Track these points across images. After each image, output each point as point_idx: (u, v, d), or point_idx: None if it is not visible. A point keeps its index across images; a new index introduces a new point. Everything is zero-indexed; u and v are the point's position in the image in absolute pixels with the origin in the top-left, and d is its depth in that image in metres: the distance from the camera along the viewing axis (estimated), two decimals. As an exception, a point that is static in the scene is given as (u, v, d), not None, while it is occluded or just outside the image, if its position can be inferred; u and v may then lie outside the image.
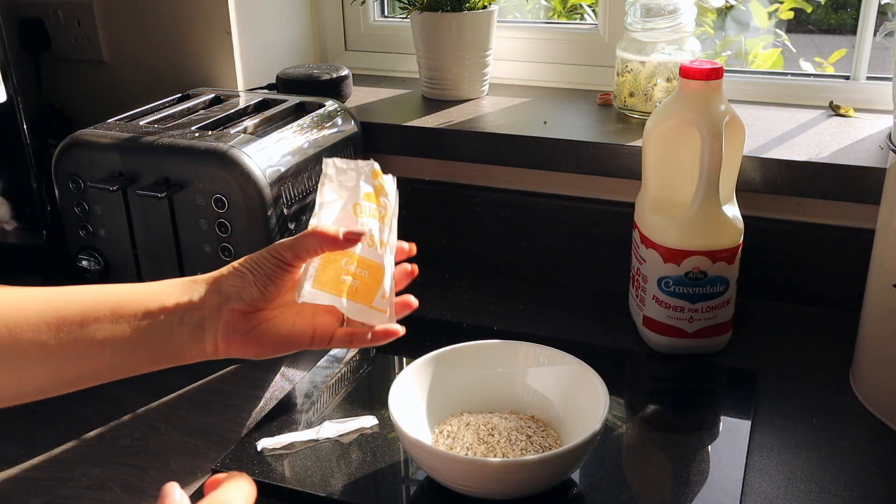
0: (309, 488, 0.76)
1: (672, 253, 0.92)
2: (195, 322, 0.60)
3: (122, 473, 0.81)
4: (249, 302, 0.61)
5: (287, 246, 0.62)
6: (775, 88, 1.21)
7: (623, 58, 1.13)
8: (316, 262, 0.64)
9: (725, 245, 0.92)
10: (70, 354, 0.58)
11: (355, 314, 0.65)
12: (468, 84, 1.25)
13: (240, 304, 0.61)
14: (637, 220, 0.98)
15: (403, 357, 1.00)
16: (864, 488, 0.76)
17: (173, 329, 0.60)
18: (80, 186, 1.04)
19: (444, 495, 0.75)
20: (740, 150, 0.94)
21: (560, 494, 0.75)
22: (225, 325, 0.61)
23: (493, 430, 0.78)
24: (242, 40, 1.27)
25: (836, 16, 1.43)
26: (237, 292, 0.61)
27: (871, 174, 0.97)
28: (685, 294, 0.93)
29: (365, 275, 0.65)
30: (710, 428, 0.85)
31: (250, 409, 0.90)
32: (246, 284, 0.61)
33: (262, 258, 0.62)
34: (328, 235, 0.61)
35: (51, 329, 0.57)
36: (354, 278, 0.64)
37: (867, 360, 0.89)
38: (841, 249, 1.04)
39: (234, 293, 0.61)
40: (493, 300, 1.12)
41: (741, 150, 0.94)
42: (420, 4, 1.21)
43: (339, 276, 0.64)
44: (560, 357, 0.83)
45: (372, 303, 0.65)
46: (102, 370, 0.60)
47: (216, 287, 0.61)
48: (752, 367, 0.94)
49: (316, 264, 0.64)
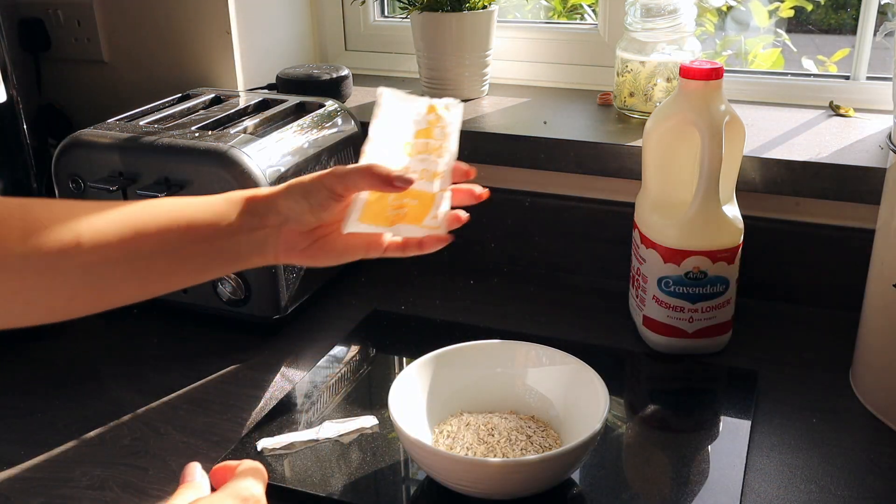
0: (309, 488, 0.76)
1: (672, 253, 0.92)
2: (259, 240, 0.66)
3: (122, 473, 0.81)
4: (307, 224, 0.66)
5: (339, 178, 0.65)
6: (775, 88, 1.21)
7: (623, 58, 1.14)
8: (365, 193, 0.66)
9: (725, 245, 0.92)
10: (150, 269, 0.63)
11: (405, 233, 0.68)
12: (468, 84, 1.25)
13: (296, 226, 0.66)
14: (637, 220, 0.98)
15: (403, 357, 1.00)
16: (864, 488, 0.76)
17: (241, 245, 0.66)
18: (80, 186, 1.04)
19: (444, 495, 0.75)
20: (740, 150, 0.94)
21: (560, 494, 0.75)
22: (284, 242, 0.67)
23: (493, 430, 0.78)
24: (242, 40, 1.27)
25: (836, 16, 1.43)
26: (295, 216, 0.66)
27: (871, 174, 0.97)
28: (685, 294, 0.93)
29: (414, 203, 0.67)
30: (710, 428, 0.85)
31: (250, 409, 0.90)
32: (302, 211, 0.65)
33: (316, 188, 0.65)
34: (379, 176, 0.64)
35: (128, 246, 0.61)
36: (402, 207, 0.66)
37: (867, 360, 0.89)
38: (841, 249, 1.04)
39: (291, 216, 0.66)
40: (493, 300, 1.12)
41: (741, 150, 0.94)
42: (420, 4, 1.21)
43: (386, 210, 0.66)
44: (560, 357, 0.83)
45: (422, 223, 0.67)
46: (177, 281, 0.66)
47: (275, 208, 0.66)
48: (752, 367, 0.94)
49: (365, 196, 0.66)
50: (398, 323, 1.06)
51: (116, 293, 0.64)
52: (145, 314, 1.09)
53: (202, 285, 1.02)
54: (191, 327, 1.06)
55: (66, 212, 0.60)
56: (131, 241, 0.61)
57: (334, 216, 0.67)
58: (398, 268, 1.21)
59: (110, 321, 1.09)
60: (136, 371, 0.98)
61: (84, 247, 0.59)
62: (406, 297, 1.13)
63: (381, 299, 1.12)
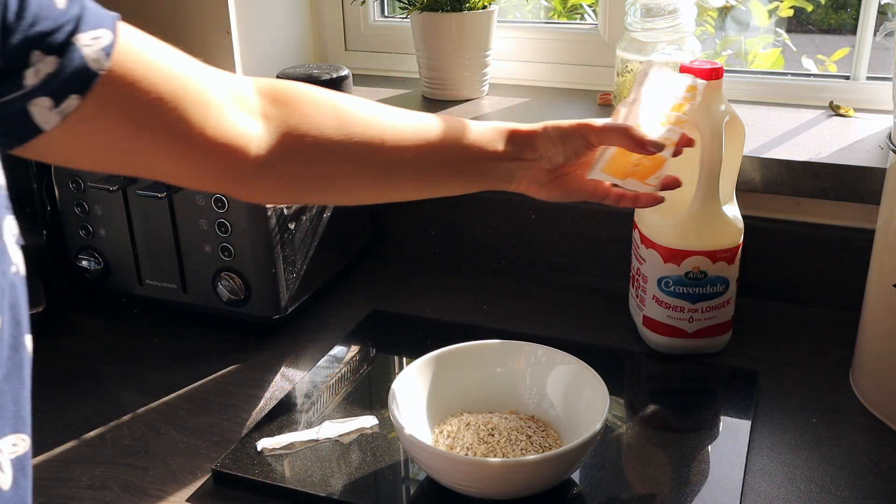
0: (309, 488, 0.76)
1: (672, 253, 0.92)
2: (512, 169, 0.75)
3: (122, 473, 0.81)
4: (555, 164, 0.74)
5: (596, 132, 0.73)
6: (775, 88, 1.21)
7: (623, 58, 1.13)
8: (613, 148, 0.73)
9: (725, 245, 0.92)
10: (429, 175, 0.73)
11: (629, 186, 0.76)
12: (468, 84, 1.25)
13: (547, 165, 0.74)
14: (637, 220, 0.98)
15: (403, 357, 1.00)
16: (864, 488, 0.76)
17: (498, 169, 0.74)
18: (80, 186, 1.04)
19: (444, 495, 0.75)
20: (740, 150, 0.94)
21: (560, 494, 0.75)
22: (531, 175, 0.75)
23: (493, 430, 0.78)
24: (242, 40, 1.27)
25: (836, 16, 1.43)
26: (548, 156, 0.74)
27: (871, 174, 0.97)
28: (685, 294, 0.93)
29: (648, 163, 0.75)
30: (711, 428, 0.85)
31: (250, 409, 0.90)
32: (556, 153, 0.74)
33: (573, 134, 0.73)
34: (634, 138, 0.71)
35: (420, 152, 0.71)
36: (638, 165, 0.75)
37: (867, 360, 0.89)
38: (841, 249, 1.04)
39: (546, 155, 0.74)
40: (493, 300, 1.12)
41: (741, 150, 0.94)
42: (420, 4, 1.21)
43: (627, 166, 0.74)
44: (560, 357, 0.83)
45: (645, 181, 0.76)
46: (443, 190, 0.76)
47: (533, 145, 0.74)
48: (752, 367, 0.94)
49: (612, 151, 0.74)
50: (398, 323, 1.06)
51: (398, 191, 0.75)
52: (145, 314, 1.09)
53: (202, 286, 1.02)
54: (191, 327, 1.06)
55: (373, 112, 0.71)
56: (423, 148, 0.71)
57: (580, 161, 0.75)
58: (398, 268, 1.21)
59: (110, 321, 1.09)
60: (136, 371, 0.98)
61: (386, 145, 0.69)
62: (406, 297, 1.13)
63: (381, 299, 1.12)
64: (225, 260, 1.00)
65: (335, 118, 0.68)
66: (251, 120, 0.64)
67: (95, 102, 0.53)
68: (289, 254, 1.02)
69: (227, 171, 0.64)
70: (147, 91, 0.56)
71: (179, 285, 1.04)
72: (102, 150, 0.58)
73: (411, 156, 0.71)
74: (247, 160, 0.64)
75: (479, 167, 0.74)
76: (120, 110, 0.55)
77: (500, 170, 0.74)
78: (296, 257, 1.03)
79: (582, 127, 0.73)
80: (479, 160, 0.73)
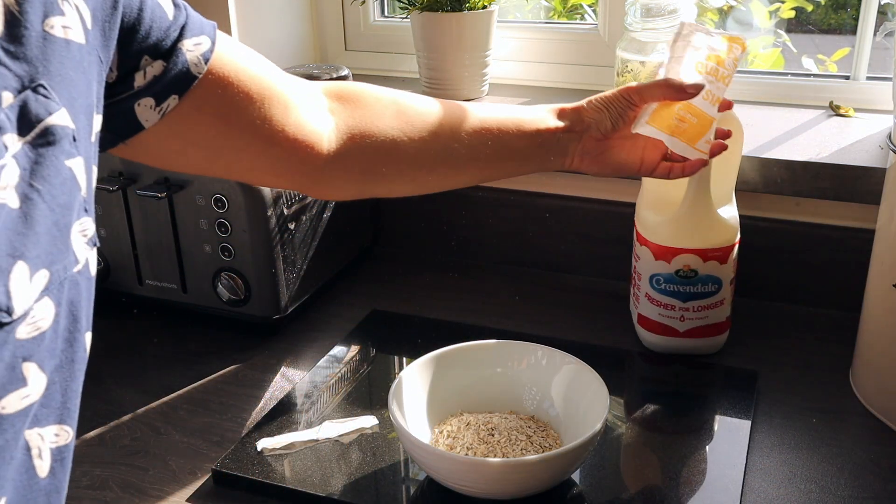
0: (309, 488, 0.76)
1: (662, 250, 0.92)
2: (566, 142, 0.79)
3: (122, 473, 0.81)
4: (603, 132, 0.78)
5: (636, 90, 0.77)
6: (775, 88, 1.21)
7: (623, 58, 1.13)
8: (655, 104, 0.77)
9: (717, 244, 0.91)
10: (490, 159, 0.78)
11: (678, 149, 0.78)
12: (468, 84, 1.25)
13: (596, 133, 0.78)
14: (636, 218, 0.98)
15: (403, 357, 1.00)
16: (864, 488, 0.76)
17: (551, 145, 0.78)
18: (80, 186, 1.03)
19: (444, 495, 0.75)
20: (739, 150, 0.93)
21: (560, 494, 0.75)
22: (583, 147, 0.79)
23: (493, 430, 0.78)
24: (242, 40, 1.26)
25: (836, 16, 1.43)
26: (595, 124, 0.78)
27: (871, 174, 0.97)
28: (675, 292, 0.92)
29: (694, 121, 0.77)
30: (710, 428, 0.85)
31: (250, 409, 0.90)
32: (602, 118, 0.78)
33: (616, 98, 0.78)
34: (673, 86, 0.76)
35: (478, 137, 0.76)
36: (683, 121, 0.77)
37: (867, 360, 0.89)
38: (841, 249, 1.04)
39: (593, 124, 0.78)
40: (493, 300, 1.12)
41: (740, 150, 0.94)
42: (420, 4, 1.21)
43: (672, 118, 0.77)
44: (560, 357, 0.83)
45: (695, 144, 0.78)
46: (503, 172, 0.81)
47: (580, 118, 0.78)
48: (752, 367, 0.94)
49: (655, 106, 0.77)
50: (398, 323, 1.06)
51: (458, 178, 0.79)
52: (145, 314, 1.09)
53: (202, 286, 1.02)
54: (191, 327, 1.06)
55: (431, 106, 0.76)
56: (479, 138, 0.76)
57: (626, 126, 0.78)
58: (398, 268, 1.21)
59: (110, 321, 1.09)
60: (136, 371, 0.98)
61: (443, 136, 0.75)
62: (406, 297, 1.13)
63: (381, 299, 1.12)
64: (225, 260, 1.00)
65: (395, 113, 0.74)
66: (323, 117, 0.70)
67: (192, 103, 0.59)
68: (289, 254, 1.02)
69: (302, 167, 0.69)
70: (238, 93, 0.62)
71: (179, 285, 1.04)
72: (194, 147, 0.63)
73: (470, 144, 0.76)
74: (319, 156, 0.69)
75: (536, 146, 0.78)
76: (214, 109, 0.61)
77: (554, 146, 0.78)
78: (296, 257, 1.03)
79: (623, 90, 0.78)
80: (535, 139, 0.77)
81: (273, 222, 0.98)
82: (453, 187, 0.80)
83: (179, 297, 1.05)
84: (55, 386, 0.44)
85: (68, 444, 0.47)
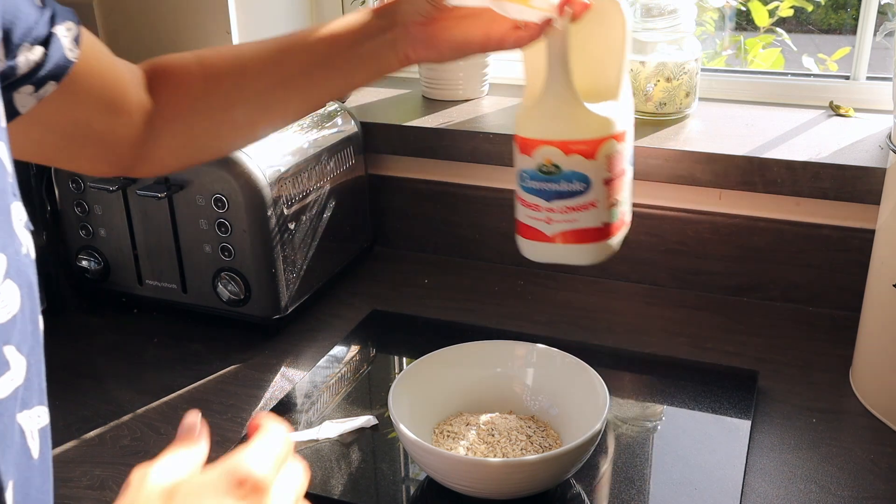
0: (309, 488, 0.76)
1: (525, 143, 0.80)
2: (391, 39, 0.73)
3: (122, 473, 0.81)
4: (425, 14, 0.72)
5: None
6: (775, 88, 1.21)
7: (623, 58, 1.13)
8: None
9: (579, 136, 0.78)
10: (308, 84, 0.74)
11: (511, 13, 0.69)
12: (468, 84, 1.25)
13: (417, 18, 0.72)
14: None
15: (403, 357, 1.00)
16: (864, 488, 0.76)
17: (378, 47, 0.73)
18: (80, 186, 1.04)
19: (444, 495, 0.75)
20: (621, 37, 0.80)
21: (560, 494, 0.75)
22: (412, 37, 0.73)
23: (493, 430, 0.78)
24: (242, 40, 1.26)
25: (836, 16, 1.43)
26: (414, 8, 0.73)
27: (871, 174, 0.97)
28: (539, 190, 0.80)
29: None
30: (711, 428, 0.85)
31: (250, 409, 0.90)
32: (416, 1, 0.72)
33: None
34: None
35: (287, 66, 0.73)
36: None
37: (867, 360, 0.89)
38: (841, 249, 1.04)
39: (409, 9, 0.73)
40: (493, 300, 1.12)
41: (622, 37, 0.80)
42: (420, 4, 1.21)
43: None
44: (560, 357, 0.83)
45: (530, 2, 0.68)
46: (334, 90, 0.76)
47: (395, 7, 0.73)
48: (752, 367, 0.94)
49: None
50: (398, 323, 1.06)
51: (287, 110, 0.76)
52: (145, 314, 1.09)
53: (202, 286, 1.02)
54: (191, 327, 1.06)
55: (232, 52, 0.74)
56: (287, 61, 0.72)
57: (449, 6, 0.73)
58: (398, 268, 1.21)
59: (110, 321, 1.09)
60: (136, 371, 0.98)
61: (249, 76, 0.72)
62: (406, 297, 1.13)
63: (381, 299, 1.12)
64: (225, 260, 1.00)
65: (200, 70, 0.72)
66: (145, 95, 0.71)
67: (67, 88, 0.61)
68: (289, 254, 1.02)
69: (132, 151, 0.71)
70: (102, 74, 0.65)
71: (179, 285, 1.04)
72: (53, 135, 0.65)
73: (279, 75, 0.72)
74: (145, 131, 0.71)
75: (359, 52, 0.73)
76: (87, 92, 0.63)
77: (380, 46, 0.73)
78: (296, 257, 1.03)
79: None
80: (354, 45, 0.73)
81: (273, 222, 0.98)
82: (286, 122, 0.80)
83: (179, 297, 1.05)
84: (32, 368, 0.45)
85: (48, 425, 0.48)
